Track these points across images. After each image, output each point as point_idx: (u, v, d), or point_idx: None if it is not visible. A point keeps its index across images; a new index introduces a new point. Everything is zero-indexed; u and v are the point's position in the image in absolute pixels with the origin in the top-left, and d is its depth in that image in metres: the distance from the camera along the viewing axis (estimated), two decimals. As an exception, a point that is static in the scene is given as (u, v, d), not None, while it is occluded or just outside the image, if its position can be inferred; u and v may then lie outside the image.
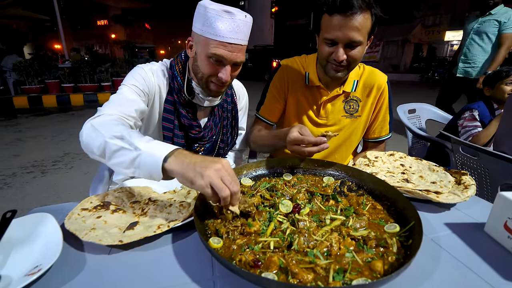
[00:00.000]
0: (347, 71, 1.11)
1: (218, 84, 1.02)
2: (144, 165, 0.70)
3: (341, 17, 0.95)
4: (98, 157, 0.79)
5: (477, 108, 1.97)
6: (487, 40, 3.04)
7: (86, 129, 0.81)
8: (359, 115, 1.27)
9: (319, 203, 0.78)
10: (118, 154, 0.73)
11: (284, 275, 0.52)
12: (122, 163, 0.73)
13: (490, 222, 0.72)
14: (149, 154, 0.70)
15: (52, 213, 0.68)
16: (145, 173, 0.71)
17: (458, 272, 0.58)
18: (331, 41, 1.02)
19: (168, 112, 1.07)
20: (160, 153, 0.69)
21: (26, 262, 0.57)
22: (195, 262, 0.60)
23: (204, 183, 0.63)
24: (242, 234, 0.65)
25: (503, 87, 1.95)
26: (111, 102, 0.94)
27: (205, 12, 0.91)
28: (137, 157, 0.70)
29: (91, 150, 0.79)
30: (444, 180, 0.91)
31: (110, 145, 0.74)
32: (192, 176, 0.64)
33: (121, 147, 0.73)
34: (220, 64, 0.97)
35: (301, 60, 1.28)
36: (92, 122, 0.82)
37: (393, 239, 0.61)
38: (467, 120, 1.96)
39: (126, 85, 1.00)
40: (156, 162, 0.68)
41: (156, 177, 0.70)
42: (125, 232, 0.65)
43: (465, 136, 1.93)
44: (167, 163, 0.68)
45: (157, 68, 1.08)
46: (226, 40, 0.92)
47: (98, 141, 0.76)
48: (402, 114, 2.31)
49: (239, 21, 0.92)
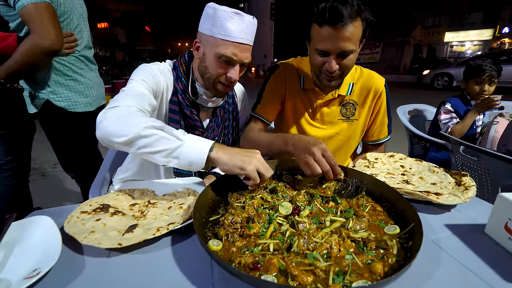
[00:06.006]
0: (340, 78, 1.11)
1: (225, 85, 1.03)
2: (186, 154, 0.77)
3: (331, 28, 0.94)
4: (120, 145, 0.79)
5: (448, 100, 2.09)
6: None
7: (109, 118, 0.80)
8: (356, 118, 1.26)
9: (319, 205, 0.78)
10: (158, 144, 0.77)
11: (284, 277, 0.52)
12: (162, 152, 0.77)
13: (490, 223, 0.71)
14: (192, 144, 0.78)
15: (52, 216, 0.68)
16: (185, 162, 0.77)
17: (459, 274, 0.58)
18: (323, 52, 1.01)
19: (174, 112, 1.08)
20: (204, 144, 0.78)
21: (25, 265, 0.57)
22: (195, 265, 0.60)
23: (252, 168, 0.76)
24: (241, 236, 0.65)
25: (474, 85, 2.00)
26: (126, 94, 0.92)
27: (214, 13, 0.93)
28: (179, 147, 0.77)
29: (115, 138, 0.77)
30: (444, 181, 0.91)
31: (149, 134, 0.77)
32: (241, 163, 0.76)
33: (162, 137, 0.77)
34: (229, 64, 0.99)
35: (297, 62, 1.28)
36: (115, 112, 0.82)
37: (393, 241, 0.61)
38: (442, 114, 2.06)
39: (136, 80, 0.98)
40: (201, 151, 0.77)
41: (196, 166, 0.78)
42: (124, 235, 0.65)
43: (444, 129, 2.00)
44: (213, 153, 0.78)
45: (163, 68, 1.08)
46: (237, 40, 0.95)
47: (130, 130, 0.76)
48: (402, 115, 2.31)
49: (247, 22, 0.96)
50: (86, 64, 1.57)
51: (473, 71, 1.98)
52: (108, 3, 22.50)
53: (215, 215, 0.74)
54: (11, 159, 1.53)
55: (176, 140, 0.78)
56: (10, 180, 1.57)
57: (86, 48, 1.59)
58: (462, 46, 27.36)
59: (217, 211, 0.77)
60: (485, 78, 1.93)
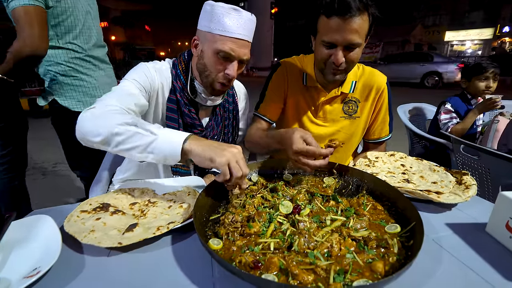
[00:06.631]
0: (345, 73, 1.10)
1: (223, 83, 1.03)
2: (160, 148, 0.76)
3: (340, 19, 0.95)
4: (99, 145, 0.79)
5: (449, 100, 2.09)
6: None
7: (86, 117, 0.81)
8: (358, 116, 1.26)
9: (320, 204, 0.78)
10: (132, 140, 0.77)
11: (285, 276, 0.52)
12: (137, 148, 0.77)
13: (491, 222, 0.71)
14: (166, 138, 0.76)
15: (52, 215, 0.68)
16: (160, 156, 0.76)
17: (460, 273, 0.58)
18: (330, 44, 1.01)
19: (172, 111, 1.07)
20: (178, 137, 0.76)
21: (25, 264, 0.57)
22: (195, 264, 0.60)
23: (223, 161, 0.71)
24: (242, 235, 0.65)
25: (478, 83, 1.99)
26: (110, 94, 0.93)
27: (212, 9, 0.94)
28: (153, 141, 0.76)
29: (91, 138, 0.79)
30: (445, 180, 0.91)
31: (122, 131, 0.77)
32: (213, 155, 0.73)
33: (136, 133, 0.77)
34: (227, 60, 0.98)
35: (299, 60, 1.28)
36: (93, 111, 0.82)
37: (394, 240, 0.61)
38: (443, 113, 2.06)
39: (128, 79, 0.99)
40: (175, 144, 0.75)
41: (171, 160, 0.76)
42: (124, 234, 0.65)
43: (444, 129, 2.01)
44: (186, 144, 0.75)
45: (160, 67, 1.08)
46: (234, 35, 0.94)
47: (105, 128, 0.77)
48: (403, 114, 2.31)
49: (245, 18, 0.96)
50: (94, 64, 1.59)
51: (476, 69, 1.98)
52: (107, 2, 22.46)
53: (215, 214, 0.74)
54: (5, 153, 1.54)
55: (150, 134, 0.77)
56: (5, 174, 1.58)
57: (95, 47, 1.60)
58: (462, 45, 27.35)
59: (218, 210, 0.77)
60: (490, 75, 1.94)
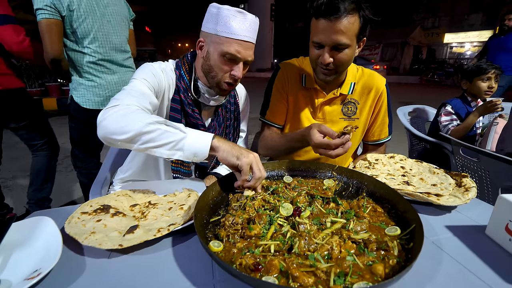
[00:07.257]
0: (335, 74, 1.11)
1: (229, 83, 1.04)
2: (190, 144, 0.81)
3: (326, 21, 0.98)
4: (123, 143, 0.82)
5: (449, 102, 2.09)
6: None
7: (111, 116, 0.83)
8: (357, 117, 1.27)
9: (320, 206, 0.78)
10: (161, 137, 0.80)
11: (285, 278, 0.52)
12: (166, 145, 0.81)
13: (491, 224, 0.71)
14: (195, 135, 0.83)
15: (52, 216, 0.68)
16: (190, 152, 0.82)
17: (460, 275, 0.58)
18: (318, 44, 1.04)
19: (175, 111, 1.08)
20: (206, 134, 0.83)
21: (25, 266, 0.57)
22: (195, 266, 0.60)
23: (248, 161, 0.80)
24: (242, 237, 0.65)
25: (480, 83, 1.99)
26: (126, 93, 0.93)
27: (218, 12, 0.95)
28: (183, 138, 0.81)
29: (117, 136, 0.80)
30: (445, 183, 0.91)
31: (152, 129, 0.80)
32: (239, 153, 0.81)
33: (165, 131, 0.81)
34: (233, 62, 1.00)
35: (299, 62, 1.30)
36: (117, 111, 0.83)
37: (394, 242, 0.61)
38: (443, 115, 2.07)
39: (137, 79, 0.99)
40: (205, 141, 0.82)
41: (200, 156, 0.82)
42: (125, 235, 0.65)
43: (445, 131, 2.01)
44: (215, 140, 0.83)
45: (165, 67, 1.09)
46: (241, 38, 0.96)
47: (133, 126, 0.79)
48: (402, 116, 2.31)
49: (250, 20, 0.98)
50: (108, 68, 1.74)
51: (477, 70, 1.99)
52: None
53: (216, 216, 0.74)
54: (45, 141, 1.99)
55: (180, 132, 0.82)
56: (46, 155, 1.92)
57: (113, 50, 1.73)
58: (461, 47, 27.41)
59: (218, 212, 0.77)
60: (491, 75, 1.96)
